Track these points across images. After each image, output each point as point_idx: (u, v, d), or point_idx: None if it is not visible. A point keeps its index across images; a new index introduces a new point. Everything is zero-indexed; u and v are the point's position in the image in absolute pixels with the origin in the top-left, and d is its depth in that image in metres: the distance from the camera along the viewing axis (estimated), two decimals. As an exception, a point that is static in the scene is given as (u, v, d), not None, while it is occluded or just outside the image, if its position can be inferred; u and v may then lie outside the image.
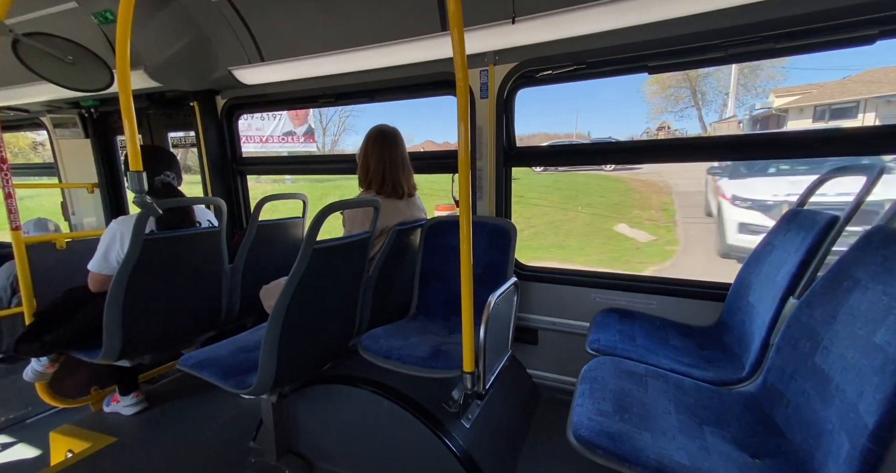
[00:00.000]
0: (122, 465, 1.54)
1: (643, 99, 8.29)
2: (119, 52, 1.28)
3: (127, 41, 1.29)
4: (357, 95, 2.20)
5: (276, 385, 1.24)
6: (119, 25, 1.25)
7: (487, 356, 1.20)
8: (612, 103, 9.62)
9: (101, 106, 2.79)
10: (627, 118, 9.52)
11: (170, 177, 1.64)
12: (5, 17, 1.48)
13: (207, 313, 1.75)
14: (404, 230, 1.61)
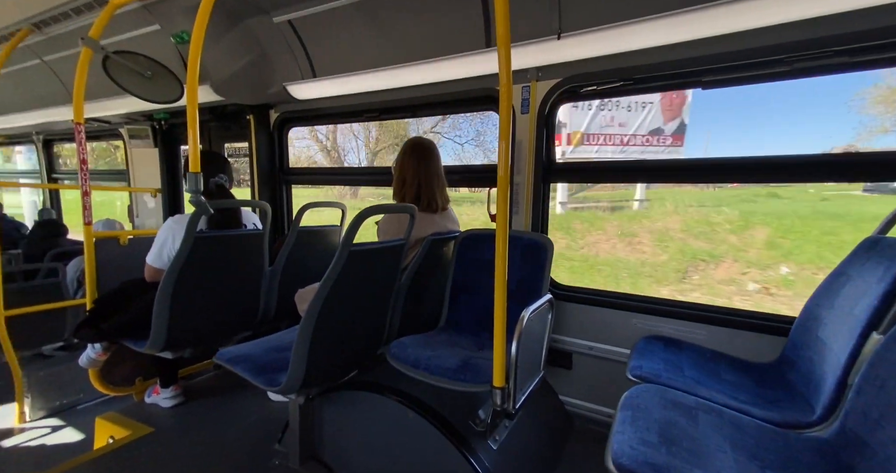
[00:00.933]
0: (155, 456, 1.59)
1: (850, 109, 5.02)
2: (190, 68, 1.41)
3: (198, 58, 1.42)
4: (400, 110, 2.28)
5: (305, 386, 1.24)
6: (192, 45, 1.38)
7: (518, 374, 1.14)
8: (784, 113, 6.10)
9: (170, 118, 3.07)
10: (800, 133, 6.27)
11: (223, 179, 1.75)
12: (99, 37, 1.68)
13: (246, 312, 1.81)
14: (438, 241, 1.61)
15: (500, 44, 1.01)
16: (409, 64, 1.85)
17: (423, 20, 1.75)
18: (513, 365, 1.13)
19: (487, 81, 1.87)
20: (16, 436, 2.13)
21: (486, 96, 1.95)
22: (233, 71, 2.12)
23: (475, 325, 1.67)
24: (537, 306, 1.29)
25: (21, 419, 2.24)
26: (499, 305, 1.07)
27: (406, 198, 1.65)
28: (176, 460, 1.56)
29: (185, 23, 1.97)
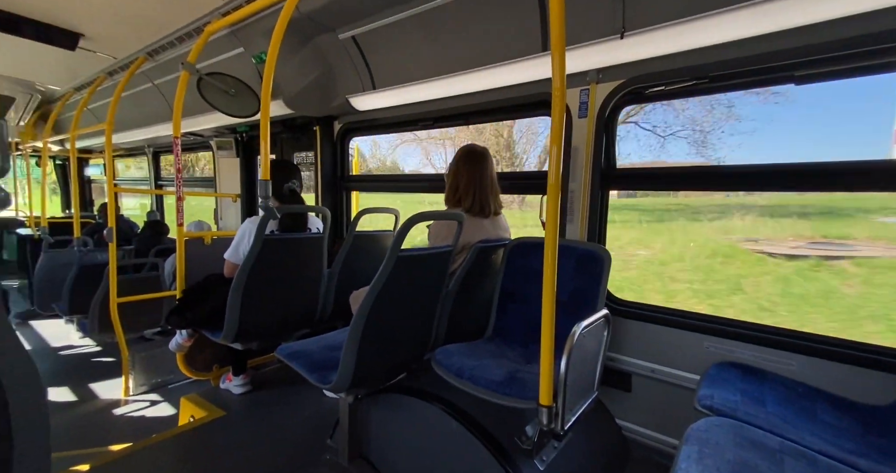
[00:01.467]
0: (226, 437, 1.76)
1: None
2: (265, 85, 1.56)
3: (271, 75, 1.57)
4: (454, 118, 2.30)
5: (353, 386, 1.28)
6: (267, 63, 1.53)
7: (568, 393, 1.08)
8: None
9: (250, 131, 3.42)
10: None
11: (295, 185, 1.90)
12: (195, 61, 1.92)
13: (305, 310, 1.93)
14: (486, 248, 1.59)
15: (554, 46, 0.97)
16: (463, 72, 1.87)
17: (480, 28, 1.75)
18: (561, 383, 1.06)
19: (544, 85, 1.82)
20: (122, 407, 2.48)
21: (541, 101, 1.89)
22: (302, 86, 2.30)
23: (523, 336, 1.61)
24: (591, 321, 1.21)
25: (126, 392, 2.61)
26: (546, 317, 1.02)
27: (460, 203, 1.66)
28: (242, 443, 1.71)
29: (263, 44, 2.18)
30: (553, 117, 0.99)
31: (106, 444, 2.00)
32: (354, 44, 2.08)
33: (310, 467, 1.53)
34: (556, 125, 0.99)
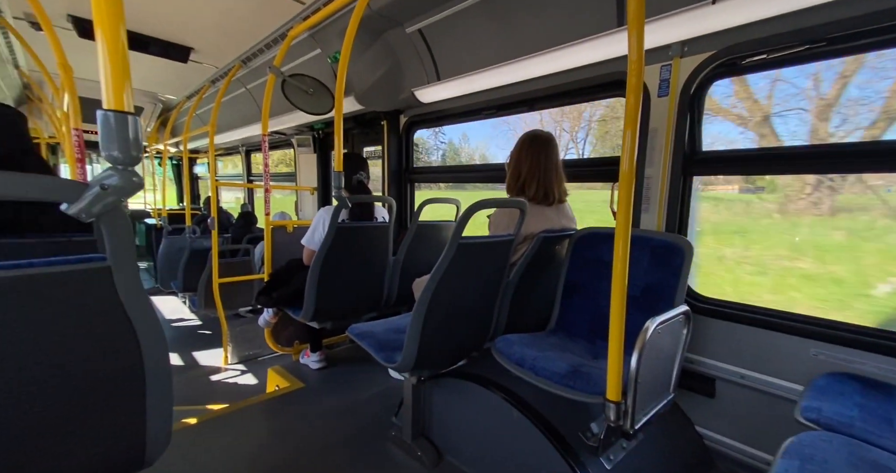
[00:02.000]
0: (305, 406, 1.94)
1: None
2: (338, 82, 1.66)
3: (345, 73, 1.66)
4: (517, 105, 2.24)
5: (417, 367, 1.34)
6: (340, 61, 1.62)
7: (639, 391, 1.01)
8: None
9: (326, 128, 3.67)
10: None
11: (363, 176, 2.02)
12: (280, 65, 2.11)
13: (372, 295, 2.05)
14: (550, 238, 1.53)
15: (631, 19, 0.89)
16: (530, 56, 1.80)
17: (548, 7, 1.68)
18: (632, 380, 1.00)
19: (617, 64, 1.69)
20: (220, 373, 2.87)
21: (614, 82, 1.76)
22: (372, 82, 2.41)
23: (589, 331, 1.54)
24: (668, 317, 1.11)
25: (225, 361, 3.00)
26: (615, 311, 0.96)
27: (524, 191, 1.61)
28: (319, 413, 1.88)
29: (338, 44, 2.32)
30: (628, 98, 0.92)
31: (208, 403, 2.34)
32: (421, 36, 2.11)
33: (377, 441, 1.63)
34: (631, 106, 0.92)
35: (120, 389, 0.69)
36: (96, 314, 0.63)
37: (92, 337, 0.64)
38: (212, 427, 1.74)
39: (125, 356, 0.68)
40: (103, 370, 0.67)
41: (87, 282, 0.61)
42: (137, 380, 0.71)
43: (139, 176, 0.61)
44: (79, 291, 0.61)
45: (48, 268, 0.57)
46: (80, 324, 0.62)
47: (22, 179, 0.52)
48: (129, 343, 0.68)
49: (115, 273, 0.63)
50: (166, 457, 0.83)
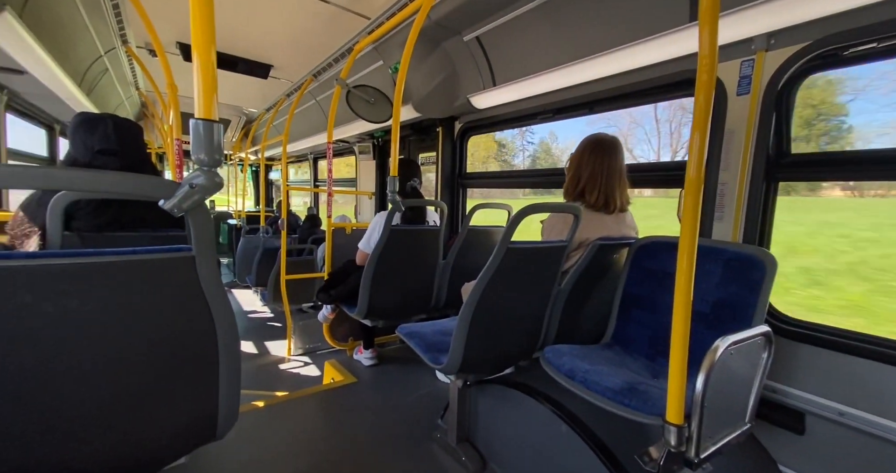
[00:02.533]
0: (357, 400, 2.04)
1: None
2: (397, 91, 1.74)
3: (403, 83, 1.74)
4: (576, 108, 2.17)
5: (462, 371, 1.34)
6: (400, 71, 1.70)
7: (706, 416, 0.91)
8: None
9: (384, 136, 3.85)
10: None
11: (416, 183, 2.09)
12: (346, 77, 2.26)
13: (422, 297, 2.10)
14: (608, 246, 1.45)
15: (703, 10, 0.83)
16: (589, 58, 1.74)
17: (610, 7, 1.61)
18: (697, 404, 0.91)
19: (687, 62, 1.57)
20: (284, 363, 3.10)
21: (683, 81, 1.63)
22: (429, 90, 2.48)
23: (649, 348, 1.43)
24: (742, 337, 1.00)
25: (289, 351, 3.24)
26: (678, 326, 0.88)
27: (579, 197, 1.55)
28: (369, 407, 1.95)
29: (399, 55, 2.43)
30: (697, 97, 0.85)
31: (272, 389, 2.54)
32: (478, 43, 2.14)
33: (423, 441, 1.65)
34: (700, 106, 0.84)
35: (197, 366, 0.79)
36: (181, 297, 0.73)
37: (177, 317, 0.74)
38: (276, 411, 1.88)
39: (203, 337, 0.78)
40: (184, 347, 0.76)
41: (176, 268, 0.71)
42: (212, 359, 0.80)
43: (220, 177, 0.69)
44: (169, 275, 0.71)
45: (147, 255, 0.67)
46: (168, 305, 0.72)
47: (134, 179, 0.62)
48: (207, 325, 0.77)
49: (198, 262, 0.73)
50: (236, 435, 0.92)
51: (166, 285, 0.71)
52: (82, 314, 0.62)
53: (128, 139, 1.20)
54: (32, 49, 1.86)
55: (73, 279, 0.61)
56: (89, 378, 0.66)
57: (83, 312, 0.62)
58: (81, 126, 1.15)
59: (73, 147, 1.17)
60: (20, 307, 0.57)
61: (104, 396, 0.69)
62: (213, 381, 0.81)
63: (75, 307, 0.61)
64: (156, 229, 1.22)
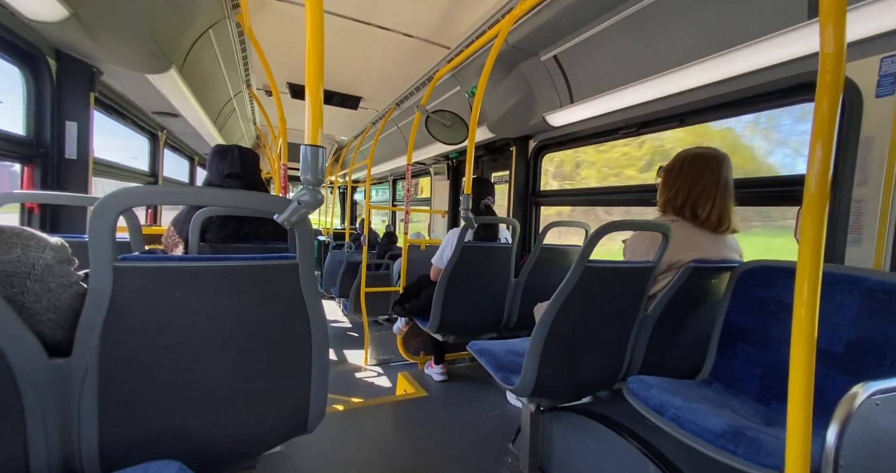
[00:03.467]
0: (428, 414, 2.06)
1: None
2: (473, 115, 1.81)
3: (479, 106, 1.81)
4: (664, 121, 2.03)
5: (535, 394, 1.29)
6: (477, 95, 1.77)
7: (840, 480, 0.75)
8: None
9: (459, 157, 3.98)
10: None
11: (490, 201, 2.12)
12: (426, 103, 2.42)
13: (493, 315, 2.08)
14: (704, 269, 1.30)
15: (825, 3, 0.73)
16: (680, 67, 1.63)
17: (703, 14, 1.51)
18: (828, 461, 0.75)
19: (805, 63, 1.38)
20: (361, 371, 3.28)
21: (802, 85, 1.44)
22: (504, 111, 2.53)
23: (761, 390, 1.22)
24: (892, 386, 0.81)
25: (365, 361, 3.43)
26: (798, 367, 0.74)
27: (682, 212, 1.40)
28: (440, 422, 1.96)
29: (475, 79, 2.54)
30: (819, 101, 0.74)
31: (349, 395, 2.69)
32: (556, 62, 2.14)
33: (492, 464, 1.60)
34: (824, 112, 0.73)
35: (295, 364, 0.89)
36: (286, 300, 0.84)
37: (282, 317, 0.85)
38: (353, 416, 1.99)
39: (300, 338, 0.87)
40: (286, 345, 0.87)
41: (283, 274, 0.82)
42: (306, 359, 0.89)
43: (322, 195, 0.79)
44: (278, 280, 0.82)
45: (262, 262, 0.79)
46: (275, 305, 0.84)
47: (257, 196, 0.75)
48: (304, 327, 0.87)
49: (300, 269, 0.83)
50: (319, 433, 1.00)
51: (275, 288, 0.82)
52: (214, 309, 0.75)
53: (248, 165, 1.45)
54: (186, 97, 2.34)
55: (210, 279, 0.74)
56: (216, 363, 0.79)
57: (214, 306, 0.75)
58: (216, 155, 1.43)
59: (209, 172, 1.44)
60: (174, 300, 0.71)
61: (226, 379, 0.81)
62: (307, 379, 0.90)
63: (210, 303, 0.74)
64: (265, 241, 1.43)
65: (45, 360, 0.64)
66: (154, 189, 1.06)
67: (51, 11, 1.30)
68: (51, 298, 0.65)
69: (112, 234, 0.65)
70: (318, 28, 0.76)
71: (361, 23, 2.21)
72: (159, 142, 3.30)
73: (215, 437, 0.82)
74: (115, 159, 2.63)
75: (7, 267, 0.61)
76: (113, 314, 0.67)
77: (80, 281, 0.71)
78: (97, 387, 0.68)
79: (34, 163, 1.69)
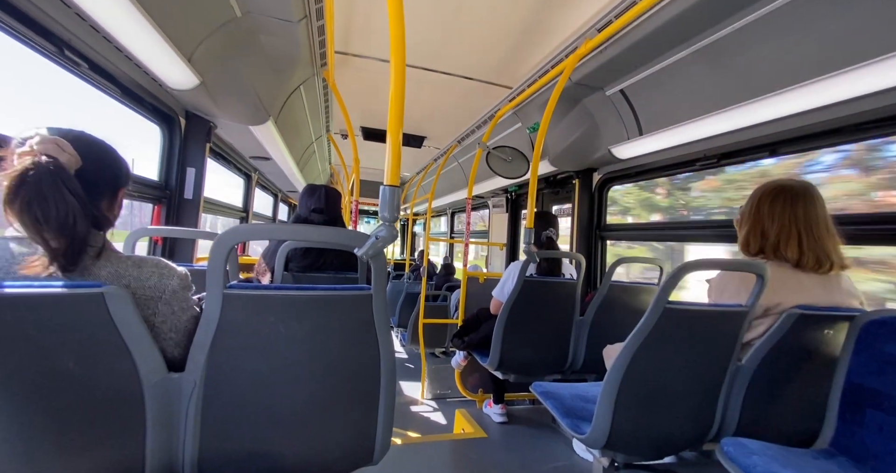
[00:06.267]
0: (489, 457, 1.95)
1: None
2: (535, 151, 1.83)
3: (542, 142, 1.83)
4: (750, 151, 1.87)
5: (608, 446, 1.17)
6: (539, 131, 1.80)
7: None
8: None
9: (518, 190, 4.00)
10: None
11: (552, 233, 2.08)
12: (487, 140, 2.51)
13: (557, 355, 1.96)
14: (811, 317, 1.13)
15: None
16: (767, 96, 1.52)
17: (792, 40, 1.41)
18: None
19: None
20: (418, 405, 3.24)
21: None
22: (566, 144, 2.53)
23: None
24: None
25: (422, 394, 3.39)
26: None
27: (764, 254, 1.26)
28: (499, 468, 1.85)
29: (537, 116, 2.58)
30: None
31: (405, 429, 2.65)
32: (622, 96, 2.11)
33: None
34: None
35: (365, 392, 0.91)
36: (360, 329, 0.88)
37: (355, 346, 0.89)
38: (411, 451, 1.95)
39: (370, 367, 0.90)
40: (358, 373, 0.90)
41: (358, 304, 0.87)
42: (375, 388, 0.91)
43: (396, 230, 0.85)
44: (353, 309, 0.87)
45: (341, 292, 0.85)
46: (350, 334, 0.88)
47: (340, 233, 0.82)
48: (374, 357, 0.90)
49: (374, 300, 0.87)
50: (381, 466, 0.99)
51: (350, 317, 0.87)
52: (298, 334, 0.82)
53: (331, 202, 1.61)
54: (277, 143, 2.68)
55: (298, 307, 0.81)
56: (296, 386, 0.84)
57: (299, 332, 0.81)
58: (306, 192, 1.62)
59: (299, 207, 1.64)
60: (267, 325, 0.78)
61: (305, 402, 0.85)
62: (375, 408, 0.92)
63: (295, 328, 0.81)
64: (337, 271, 1.54)
65: (165, 373, 0.74)
66: (261, 227, 1.21)
67: (186, 80, 1.61)
68: (174, 319, 0.76)
69: (225, 264, 0.75)
70: (401, 82, 0.85)
71: (426, 70, 2.40)
72: (252, 182, 3.77)
73: (291, 460, 0.85)
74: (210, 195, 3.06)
75: (147, 292, 0.73)
76: (219, 335, 0.76)
77: (195, 305, 0.81)
78: (201, 402, 0.76)
79: (162, 203, 2.04)
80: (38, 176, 0.62)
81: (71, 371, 0.66)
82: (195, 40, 1.51)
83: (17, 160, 0.64)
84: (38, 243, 0.64)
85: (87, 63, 1.41)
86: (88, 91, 1.50)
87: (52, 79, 1.34)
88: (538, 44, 2.02)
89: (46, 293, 0.62)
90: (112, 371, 0.69)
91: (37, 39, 1.21)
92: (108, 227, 0.77)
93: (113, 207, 0.81)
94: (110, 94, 1.63)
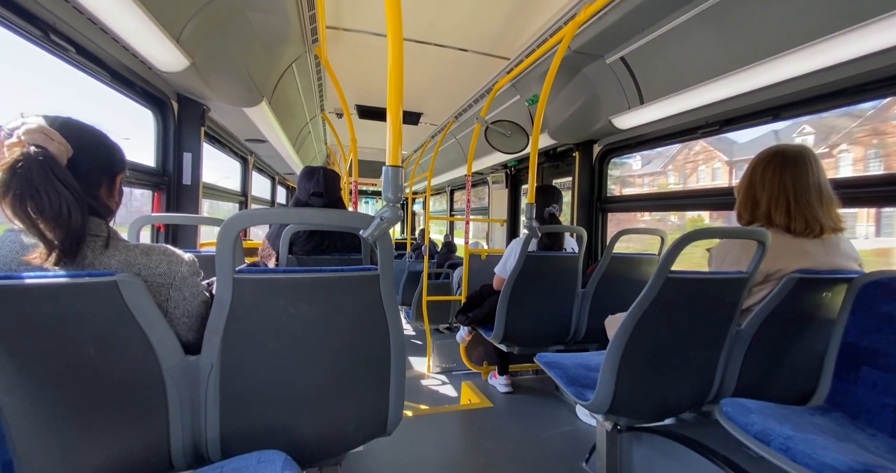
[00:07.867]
0: (495, 425, 2.04)
1: None
2: (535, 124, 1.80)
3: (541, 114, 1.79)
4: (754, 116, 1.84)
5: (612, 411, 1.22)
6: (539, 103, 1.76)
7: None
8: None
9: (517, 165, 3.95)
10: None
11: (555, 209, 2.08)
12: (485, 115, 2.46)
13: (559, 327, 2.01)
14: (810, 281, 1.15)
15: None
16: (772, 58, 1.48)
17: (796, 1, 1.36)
18: None
19: None
20: (425, 379, 3.34)
21: None
22: (566, 116, 2.48)
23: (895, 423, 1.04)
24: None
25: (429, 368, 3.49)
26: None
27: (760, 221, 1.28)
28: (508, 435, 1.93)
29: (536, 88, 2.52)
30: None
31: (416, 402, 2.75)
32: (623, 64, 2.05)
33: None
34: None
35: (377, 368, 0.94)
36: (368, 308, 0.91)
37: (365, 325, 0.91)
38: (421, 422, 2.04)
39: (380, 344, 0.93)
40: (369, 350, 0.93)
41: (365, 285, 0.89)
42: (386, 364, 0.94)
43: (401, 211, 0.85)
44: (361, 290, 0.89)
45: (348, 273, 0.87)
46: (359, 313, 0.90)
47: (344, 215, 0.83)
48: (384, 334, 0.92)
49: (381, 280, 0.89)
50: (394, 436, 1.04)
51: (359, 297, 0.89)
52: (308, 316, 0.84)
53: (330, 184, 1.60)
54: (272, 125, 2.63)
55: (306, 289, 0.83)
56: (311, 365, 0.87)
57: (309, 314, 0.83)
58: (304, 176, 1.60)
59: (298, 190, 1.62)
60: (277, 307, 0.80)
61: (320, 380, 0.89)
62: (386, 383, 0.96)
63: (305, 310, 0.83)
64: (342, 253, 1.55)
65: (182, 357, 0.76)
66: (266, 211, 1.20)
67: (176, 61, 1.56)
68: (185, 305, 0.78)
69: (233, 250, 0.76)
70: (399, 59, 0.83)
71: (420, 42, 2.32)
72: (249, 165, 3.73)
73: (309, 434, 0.90)
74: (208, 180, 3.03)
75: (157, 279, 0.75)
76: (231, 318, 0.78)
77: (204, 290, 0.83)
78: (219, 382, 0.79)
79: (161, 189, 2.02)
80: (27, 168, 0.61)
81: (92, 358, 0.68)
82: (182, 19, 1.45)
83: (6, 152, 0.62)
84: (35, 235, 0.64)
85: (74, 47, 1.36)
86: (78, 77, 1.47)
87: (39, 65, 1.30)
88: (536, 11, 1.94)
89: (62, 284, 0.64)
90: (131, 356, 0.71)
91: (20, 23, 1.17)
92: (109, 215, 0.77)
93: (112, 194, 0.80)
94: (100, 78, 1.59)
